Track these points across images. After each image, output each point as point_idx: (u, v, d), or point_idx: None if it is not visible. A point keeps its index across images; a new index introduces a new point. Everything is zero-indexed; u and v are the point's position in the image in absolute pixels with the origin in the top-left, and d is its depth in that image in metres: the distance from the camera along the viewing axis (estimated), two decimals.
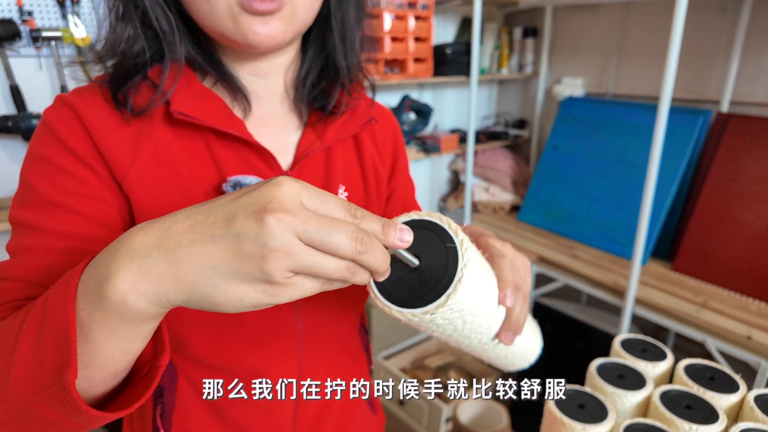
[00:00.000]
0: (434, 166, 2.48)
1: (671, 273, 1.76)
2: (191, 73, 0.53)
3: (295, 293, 0.32)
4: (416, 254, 0.38)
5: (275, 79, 0.57)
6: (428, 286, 0.37)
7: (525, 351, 0.62)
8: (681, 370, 0.64)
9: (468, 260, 0.37)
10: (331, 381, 0.63)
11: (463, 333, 0.44)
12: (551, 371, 2.00)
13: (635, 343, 0.72)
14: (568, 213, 2.09)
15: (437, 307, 0.37)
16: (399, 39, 1.90)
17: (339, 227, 0.31)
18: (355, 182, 0.61)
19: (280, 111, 0.59)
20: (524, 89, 2.52)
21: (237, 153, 0.53)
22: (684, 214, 1.83)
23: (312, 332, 0.58)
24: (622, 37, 2.06)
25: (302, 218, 0.30)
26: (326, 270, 0.32)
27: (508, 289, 0.46)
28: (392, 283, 0.39)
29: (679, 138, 1.79)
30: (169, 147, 0.50)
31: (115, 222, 0.49)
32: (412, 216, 0.40)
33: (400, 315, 0.38)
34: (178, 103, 0.49)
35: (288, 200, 0.30)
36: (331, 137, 0.57)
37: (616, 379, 0.64)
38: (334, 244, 0.31)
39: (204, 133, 0.52)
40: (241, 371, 0.56)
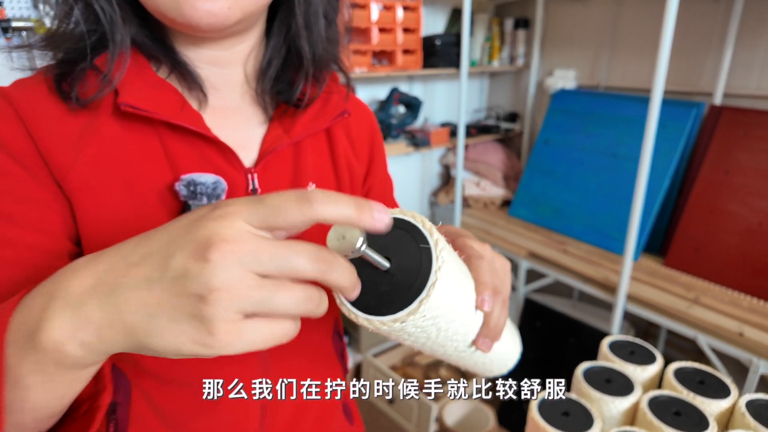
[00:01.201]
0: (424, 161, 2.45)
1: (663, 268, 1.74)
2: (144, 62, 0.49)
3: (243, 343, 0.27)
4: (387, 256, 0.35)
5: (234, 70, 0.53)
6: (399, 291, 0.34)
7: (504, 357, 0.59)
8: (670, 373, 0.63)
9: (443, 262, 0.34)
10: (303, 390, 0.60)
11: (437, 341, 0.41)
12: (542, 368, 1.99)
13: (624, 345, 0.70)
14: (559, 208, 2.06)
15: (408, 314, 0.33)
16: (387, 30, 1.86)
17: (296, 249, 0.27)
18: (326, 180, 0.58)
19: (241, 104, 0.55)
20: (516, 82, 2.49)
21: (194, 149, 0.49)
22: (676, 208, 1.81)
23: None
24: (614, 28, 2.03)
25: (251, 246, 0.26)
26: (283, 304, 0.28)
27: (486, 292, 0.43)
28: (361, 287, 0.36)
29: (671, 131, 1.77)
30: (117, 143, 0.46)
31: (55, 228, 0.45)
32: (396, 214, 0.37)
33: (367, 323, 0.34)
34: (126, 94, 0.45)
35: (232, 228, 0.27)
36: (300, 132, 0.53)
37: (603, 384, 0.62)
38: (294, 269, 0.27)
39: (157, 128, 0.48)
40: (199, 385, 0.52)
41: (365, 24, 1.78)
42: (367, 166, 0.64)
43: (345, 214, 0.29)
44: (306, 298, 0.28)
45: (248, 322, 0.27)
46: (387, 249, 0.36)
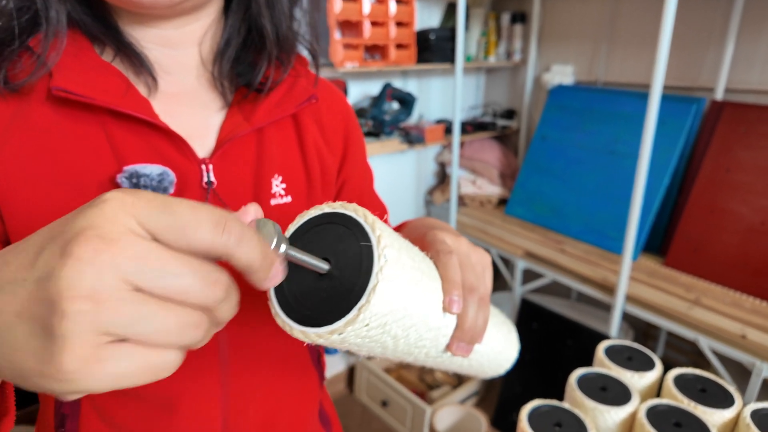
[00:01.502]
0: (420, 159, 2.40)
1: (663, 268, 1.70)
2: (86, 43, 0.44)
3: (104, 377, 0.21)
4: (327, 257, 0.31)
5: (188, 51, 0.49)
6: (338, 298, 0.30)
7: (495, 358, 0.54)
8: (670, 381, 0.59)
9: (386, 262, 0.30)
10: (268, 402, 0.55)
11: (398, 350, 0.37)
12: (538, 371, 1.95)
13: (621, 350, 0.66)
14: (557, 206, 2.02)
15: (347, 324, 0.29)
16: (379, 24, 1.81)
17: (191, 266, 0.23)
18: (294, 172, 0.53)
19: (196, 88, 0.50)
20: (512, 78, 2.44)
21: (141, 139, 0.44)
22: (676, 206, 1.77)
23: (239, 346, 0.50)
24: (613, 22, 1.99)
25: (137, 251, 0.21)
26: (164, 330, 0.22)
27: (454, 292, 0.38)
28: (297, 294, 0.31)
29: (671, 127, 1.73)
30: (51, 133, 0.42)
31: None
32: (324, 209, 0.33)
33: (303, 336, 0.30)
34: (60, 78, 0.40)
35: (116, 223, 0.21)
36: (261, 118, 0.49)
37: (598, 392, 0.59)
38: (182, 290, 0.22)
39: (100, 116, 0.43)
40: (155, 397, 0.48)
41: (357, 17, 1.74)
42: (342, 157, 0.59)
43: (250, 260, 0.25)
44: (191, 323, 0.23)
45: (114, 347, 0.22)
46: (327, 249, 0.31)
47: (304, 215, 0.33)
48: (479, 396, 2.08)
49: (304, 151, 0.54)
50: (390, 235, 0.32)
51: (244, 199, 0.49)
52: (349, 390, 2.25)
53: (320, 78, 0.58)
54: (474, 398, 2.06)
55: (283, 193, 0.51)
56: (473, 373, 0.56)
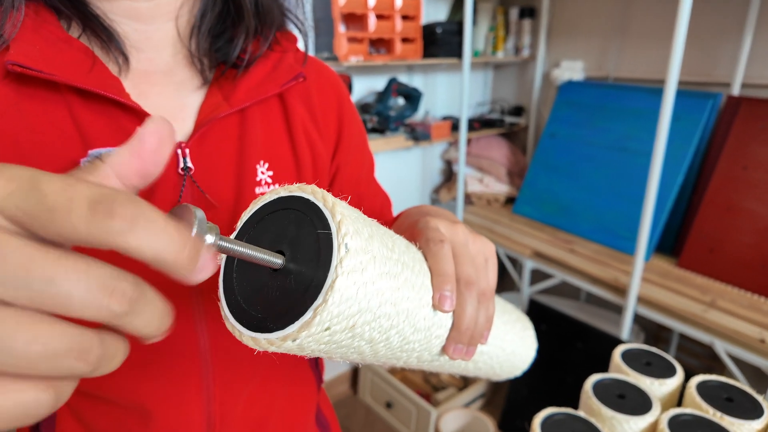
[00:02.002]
0: (425, 156, 2.36)
1: (676, 269, 1.65)
2: (49, 16, 0.41)
3: None
4: (282, 249, 0.26)
5: (163, 25, 0.45)
6: (293, 297, 0.25)
7: (506, 360, 0.50)
8: (693, 389, 0.55)
9: (347, 252, 0.25)
10: (257, 408, 0.51)
11: (378, 356, 0.32)
12: (547, 374, 1.90)
13: (638, 354, 0.62)
14: (566, 205, 1.97)
15: (301, 329, 0.24)
16: (385, 17, 1.77)
17: (73, 268, 0.17)
18: (282, 158, 0.49)
19: (171, 66, 0.46)
20: (521, 73, 2.39)
21: (110, 120, 0.41)
22: (691, 205, 1.72)
23: (222, 348, 0.46)
24: (625, 16, 1.93)
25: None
26: (19, 357, 0.17)
27: (446, 286, 0.33)
28: (248, 293, 0.27)
29: (686, 123, 1.67)
30: (9, 113, 0.38)
31: None
32: (279, 192, 0.28)
33: (253, 343, 0.25)
34: (17, 52, 0.37)
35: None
36: (242, 98, 0.45)
37: (615, 400, 0.54)
38: (60, 302, 0.17)
39: (65, 95, 0.40)
40: (129, 402, 0.44)
41: (362, 10, 1.70)
42: (335, 141, 0.55)
43: (155, 250, 0.18)
44: (70, 349, 0.17)
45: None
46: (283, 239, 0.27)
47: (258, 201, 0.29)
48: (485, 399, 2.03)
49: (293, 136, 0.50)
50: (355, 221, 0.27)
51: (225, 188, 0.45)
52: (353, 391, 2.21)
53: (310, 56, 0.54)
54: (480, 401, 2.01)
55: (270, 181, 0.47)
56: (483, 375, 0.51)
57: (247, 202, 0.46)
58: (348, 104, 0.57)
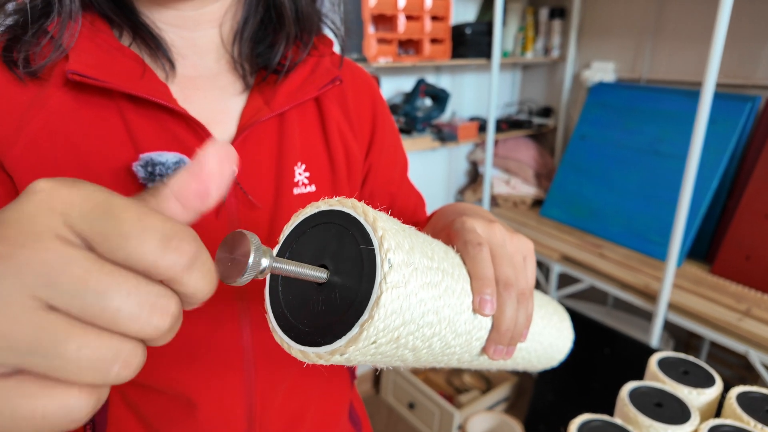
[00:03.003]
0: (451, 157, 2.35)
1: (709, 276, 1.61)
2: (103, 26, 0.43)
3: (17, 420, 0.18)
4: (325, 263, 0.27)
5: (207, 32, 0.47)
6: (338, 312, 0.25)
7: (543, 353, 0.50)
8: (733, 399, 0.54)
9: (390, 268, 0.25)
10: (295, 401, 0.53)
11: (421, 361, 0.32)
12: (572, 380, 1.87)
13: (675, 363, 0.61)
14: (596, 208, 1.94)
15: (349, 344, 0.24)
16: (414, 18, 1.77)
17: (125, 284, 0.18)
18: (318, 160, 0.50)
19: (215, 71, 0.48)
20: (550, 74, 2.36)
21: (158, 124, 0.42)
22: (726, 211, 1.67)
23: (264, 347, 0.48)
24: (659, 16, 1.89)
25: (45, 259, 0.17)
26: (71, 366, 0.17)
27: (485, 290, 0.33)
28: (294, 306, 0.27)
29: (722, 127, 1.63)
30: (67, 117, 0.40)
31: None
32: (320, 206, 0.28)
33: (302, 356, 0.26)
34: (76, 61, 0.39)
35: (31, 224, 0.18)
36: (282, 102, 0.46)
37: (652, 409, 0.53)
38: (108, 315, 0.18)
39: (116, 100, 0.42)
40: (176, 392, 0.46)
41: (391, 11, 1.71)
42: (369, 141, 0.56)
43: (195, 291, 0.20)
44: (115, 358, 0.18)
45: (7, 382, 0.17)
46: (325, 252, 0.27)
47: (299, 215, 0.29)
48: (509, 402, 2.02)
49: (328, 137, 0.51)
50: (396, 234, 0.27)
51: (265, 189, 0.46)
52: (375, 390, 2.22)
53: (345, 59, 0.55)
54: (503, 404, 2.00)
55: (306, 182, 0.49)
56: (520, 368, 0.52)
57: (286, 202, 0.47)
58: (381, 105, 0.58)
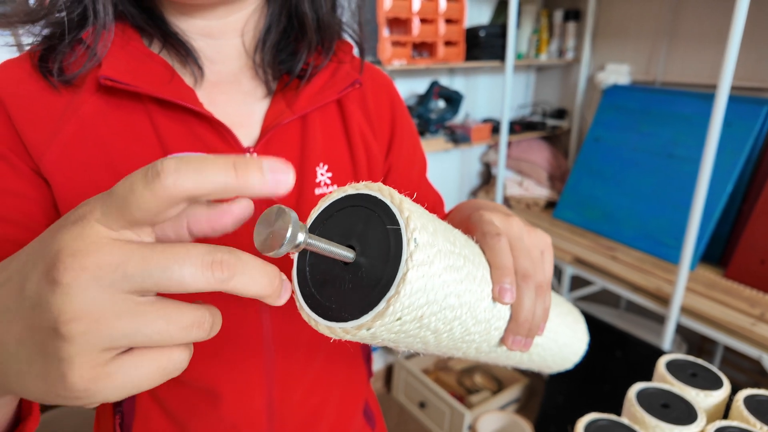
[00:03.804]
0: (464, 158, 2.36)
1: (723, 280, 1.60)
2: (134, 35, 0.45)
3: (116, 388, 0.21)
4: (351, 244, 0.28)
5: (231, 41, 0.49)
6: (365, 289, 0.27)
7: (558, 352, 0.50)
8: (740, 402, 0.54)
9: (416, 246, 0.26)
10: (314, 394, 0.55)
11: (441, 345, 0.33)
12: (583, 381, 1.87)
13: (683, 365, 0.61)
14: (609, 211, 1.94)
15: (375, 318, 0.26)
16: (428, 21, 1.79)
17: (177, 254, 0.21)
18: (340, 160, 0.52)
19: (239, 77, 0.50)
20: (564, 76, 2.36)
21: (185, 127, 0.44)
22: (740, 215, 1.66)
23: (284, 338, 0.50)
24: (675, 19, 1.88)
25: (110, 257, 0.20)
26: (165, 333, 0.21)
27: (505, 279, 0.34)
28: (321, 285, 0.28)
29: (737, 130, 1.62)
30: (100, 122, 0.43)
31: (35, 219, 0.42)
32: (347, 191, 0.29)
33: (329, 332, 0.27)
34: (107, 68, 0.41)
35: (82, 237, 0.20)
36: (304, 105, 0.48)
37: (659, 410, 0.54)
38: (179, 282, 0.21)
39: (146, 104, 0.44)
40: (199, 383, 0.48)
41: (406, 14, 1.72)
42: (388, 141, 0.58)
43: (216, 181, 0.21)
44: (194, 322, 0.22)
45: (121, 360, 0.21)
46: (352, 234, 0.28)
47: (327, 199, 0.30)
48: (520, 404, 2.02)
49: (350, 139, 0.53)
50: (421, 216, 0.28)
51: None
52: (386, 389, 2.24)
53: (366, 62, 0.56)
54: (514, 405, 2.01)
55: (328, 182, 0.50)
56: (535, 368, 0.52)
57: (307, 202, 0.49)
58: (400, 106, 0.60)
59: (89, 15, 0.42)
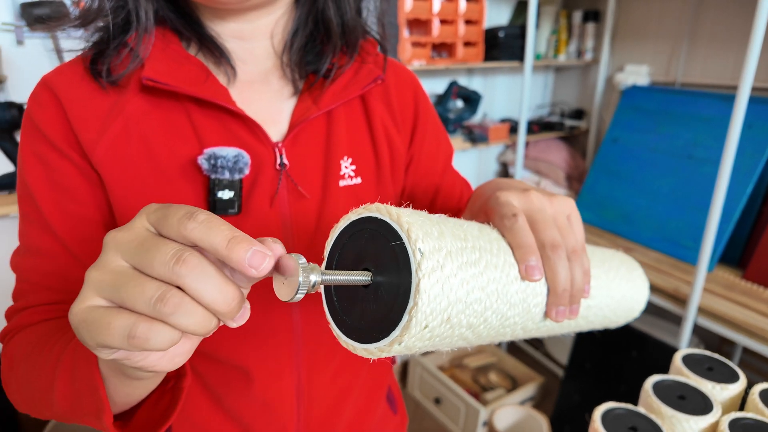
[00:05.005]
0: (481, 158, 2.38)
1: (742, 282, 1.59)
2: (173, 38, 0.49)
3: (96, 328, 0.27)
4: (367, 266, 0.29)
5: (261, 43, 0.52)
6: (387, 307, 0.28)
7: (616, 307, 0.49)
8: (756, 395, 0.55)
9: (422, 256, 0.27)
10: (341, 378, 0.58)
11: (482, 337, 0.34)
12: (600, 380, 1.87)
13: (700, 359, 0.62)
14: (627, 211, 1.94)
15: (403, 332, 0.27)
16: (448, 22, 1.81)
17: (158, 249, 0.26)
18: (363, 153, 0.55)
19: (269, 77, 0.53)
20: (583, 77, 2.37)
21: (219, 123, 0.48)
22: (760, 216, 1.65)
23: (312, 329, 0.53)
24: (695, 20, 1.88)
25: (129, 236, 0.27)
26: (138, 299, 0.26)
27: (530, 257, 0.34)
28: (350, 310, 0.30)
29: (758, 131, 1.61)
30: (142, 119, 0.47)
31: (103, 212, 0.47)
32: (350, 218, 0.31)
33: (366, 353, 0.29)
34: (149, 69, 0.45)
35: (133, 221, 0.28)
36: (329, 101, 0.51)
37: (675, 401, 0.55)
38: (129, 299, 0.26)
39: (184, 103, 0.48)
40: (235, 364, 0.52)
41: (426, 15, 1.75)
42: (411, 133, 0.60)
43: (213, 244, 0.26)
44: (157, 297, 0.25)
45: (110, 311, 0.26)
46: (365, 257, 0.29)
47: (335, 229, 0.32)
48: (534, 402, 2.03)
49: (373, 133, 0.56)
50: (423, 225, 0.29)
51: (314, 181, 0.52)
52: (402, 385, 2.27)
53: (389, 59, 0.59)
54: (529, 403, 2.02)
55: (352, 174, 0.53)
56: (599, 327, 0.51)
57: (332, 193, 0.52)
58: (423, 99, 0.62)
59: (132, 20, 0.46)
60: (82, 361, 0.36)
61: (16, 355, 0.44)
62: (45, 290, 0.47)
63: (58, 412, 0.40)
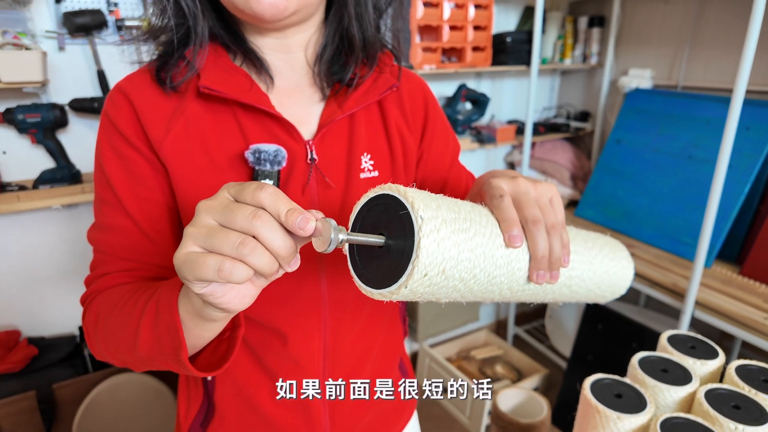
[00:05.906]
0: (489, 158, 2.45)
1: (738, 277, 1.66)
2: (222, 51, 0.58)
3: (200, 267, 0.35)
4: (382, 231, 0.38)
5: (297, 55, 0.61)
6: (396, 261, 0.36)
7: (600, 280, 0.57)
8: (732, 370, 0.60)
9: (423, 221, 0.35)
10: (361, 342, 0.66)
11: (473, 291, 0.42)
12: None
13: (684, 339, 0.68)
14: (629, 210, 2.00)
15: (408, 278, 0.35)
16: (458, 28, 1.88)
17: (233, 212, 0.35)
18: (380, 150, 0.63)
19: (302, 85, 0.62)
20: (588, 80, 2.43)
21: (261, 124, 0.57)
22: (757, 215, 1.71)
23: (337, 297, 0.62)
24: (697, 25, 1.94)
25: (215, 203, 0.37)
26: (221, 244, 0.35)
27: (512, 228, 0.41)
28: (368, 264, 0.39)
29: (756, 133, 1.67)
30: (199, 120, 0.56)
31: (167, 196, 0.56)
32: (368, 196, 0.40)
33: (380, 296, 0.38)
34: (205, 79, 0.54)
35: (219, 192, 0.38)
36: (351, 105, 0.60)
37: (659, 373, 0.61)
38: (218, 245, 0.35)
39: (232, 107, 0.57)
40: (272, 326, 0.61)
41: (437, 22, 1.82)
42: (421, 133, 0.69)
43: (277, 208, 0.35)
44: (239, 242, 0.35)
45: (204, 254, 0.35)
46: (380, 225, 0.39)
47: (357, 204, 0.41)
48: (539, 392, 2.10)
49: (388, 133, 0.64)
50: (425, 199, 0.37)
51: (338, 173, 0.60)
52: None
53: (403, 68, 0.68)
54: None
55: (371, 168, 0.62)
56: (584, 299, 0.59)
57: (354, 184, 0.61)
58: (432, 103, 0.71)
59: (191, 35, 0.55)
60: (164, 309, 0.45)
61: (101, 311, 0.53)
62: (120, 260, 0.56)
63: (140, 355, 0.48)
